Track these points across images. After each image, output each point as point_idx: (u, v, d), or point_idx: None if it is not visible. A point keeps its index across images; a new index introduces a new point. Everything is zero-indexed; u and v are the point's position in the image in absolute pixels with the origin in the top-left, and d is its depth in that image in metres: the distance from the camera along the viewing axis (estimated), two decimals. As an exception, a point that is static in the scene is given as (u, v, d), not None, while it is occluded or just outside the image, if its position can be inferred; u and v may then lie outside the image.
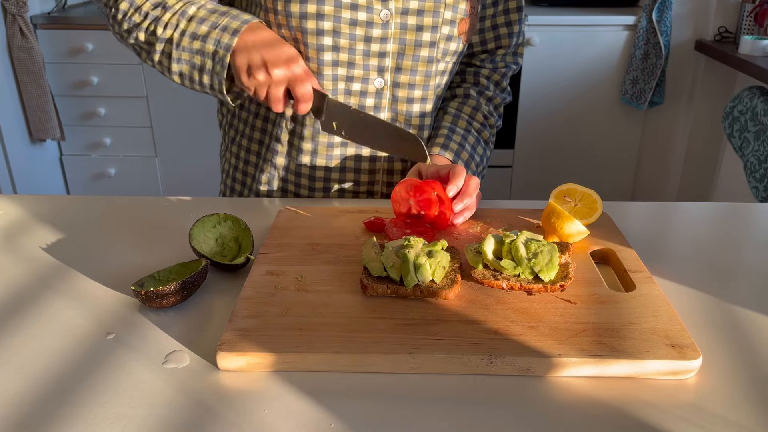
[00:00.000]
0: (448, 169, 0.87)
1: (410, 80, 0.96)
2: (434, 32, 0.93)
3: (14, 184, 2.61)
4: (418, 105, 0.98)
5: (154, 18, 0.88)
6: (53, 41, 2.61)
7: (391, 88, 0.96)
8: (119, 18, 0.90)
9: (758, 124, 2.05)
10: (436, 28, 0.93)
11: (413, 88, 0.96)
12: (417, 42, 0.93)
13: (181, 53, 0.88)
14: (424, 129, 1.01)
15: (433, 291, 0.68)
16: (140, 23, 0.89)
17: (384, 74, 0.95)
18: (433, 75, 0.97)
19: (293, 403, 0.57)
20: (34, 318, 0.69)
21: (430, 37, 0.93)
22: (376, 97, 0.96)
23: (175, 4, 0.89)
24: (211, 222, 0.81)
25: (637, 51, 2.58)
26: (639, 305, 0.68)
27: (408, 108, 0.98)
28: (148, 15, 0.89)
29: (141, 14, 0.89)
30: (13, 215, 0.93)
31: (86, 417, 0.55)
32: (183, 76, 0.90)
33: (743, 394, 0.59)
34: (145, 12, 0.89)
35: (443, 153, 0.98)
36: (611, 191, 2.86)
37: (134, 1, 0.89)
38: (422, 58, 0.94)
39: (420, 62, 0.95)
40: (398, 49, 0.93)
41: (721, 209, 1.01)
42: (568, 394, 0.59)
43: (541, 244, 0.72)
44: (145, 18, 0.89)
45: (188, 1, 0.90)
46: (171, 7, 0.89)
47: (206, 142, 2.78)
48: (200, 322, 0.68)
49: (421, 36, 0.93)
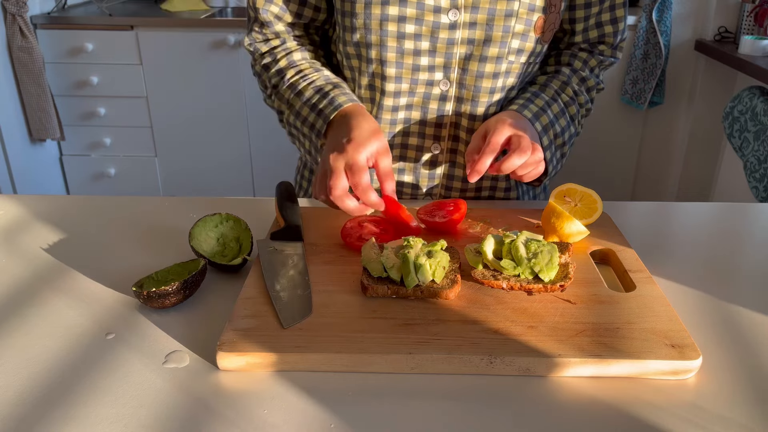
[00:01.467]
0: (518, 137, 0.83)
1: (477, 82, 0.92)
2: (506, 32, 0.89)
3: (14, 184, 2.61)
4: (483, 108, 0.95)
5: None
6: (53, 41, 2.61)
7: (457, 90, 0.93)
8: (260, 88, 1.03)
9: (758, 124, 2.05)
10: (508, 28, 0.89)
11: (480, 91, 0.93)
12: (486, 43, 0.89)
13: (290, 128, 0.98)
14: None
15: (433, 291, 0.68)
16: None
17: (450, 77, 0.92)
18: (501, 75, 0.93)
19: (293, 403, 0.57)
20: (34, 318, 0.69)
21: (501, 38, 0.89)
22: (441, 100, 0.94)
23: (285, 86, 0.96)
24: (213, 222, 0.81)
25: (637, 51, 2.58)
26: (639, 305, 0.68)
27: (473, 111, 0.95)
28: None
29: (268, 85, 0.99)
30: (13, 215, 0.93)
31: (86, 417, 0.55)
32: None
33: (743, 394, 0.59)
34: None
35: (521, 112, 0.92)
36: (611, 191, 2.86)
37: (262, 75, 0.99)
38: (491, 60, 0.91)
39: (488, 63, 0.91)
40: (466, 50, 0.90)
41: (721, 209, 1.01)
42: (568, 394, 0.59)
43: (541, 244, 0.72)
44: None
45: (300, 77, 0.95)
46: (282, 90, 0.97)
47: (206, 142, 2.79)
48: (200, 322, 0.68)
49: (491, 37, 0.89)
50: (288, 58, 0.97)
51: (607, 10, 0.98)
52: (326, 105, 0.89)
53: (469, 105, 0.94)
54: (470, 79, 0.92)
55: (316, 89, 0.92)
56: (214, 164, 2.83)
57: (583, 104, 1.01)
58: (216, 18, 2.65)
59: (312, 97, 0.92)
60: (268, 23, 0.97)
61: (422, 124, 0.97)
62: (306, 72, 0.95)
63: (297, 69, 0.96)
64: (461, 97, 0.94)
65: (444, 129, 0.97)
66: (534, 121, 0.91)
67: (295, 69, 0.96)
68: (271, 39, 0.99)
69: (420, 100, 0.95)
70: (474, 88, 0.93)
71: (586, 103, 1.01)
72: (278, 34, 0.98)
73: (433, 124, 0.96)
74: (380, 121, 0.96)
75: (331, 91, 0.91)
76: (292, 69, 0.96)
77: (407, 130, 0.97)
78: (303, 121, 0.92)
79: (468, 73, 0.92)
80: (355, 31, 0.91)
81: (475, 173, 0.83)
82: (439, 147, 0.98)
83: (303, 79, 0.94)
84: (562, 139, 0.96)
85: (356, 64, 0.95)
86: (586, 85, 1.01)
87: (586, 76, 1.01)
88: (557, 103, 0.96)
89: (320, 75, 0.95)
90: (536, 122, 0.91)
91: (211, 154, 2.81)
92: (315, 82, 0.93)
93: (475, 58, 0.91)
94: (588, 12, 0.98)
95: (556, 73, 1.00)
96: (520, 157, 0.81)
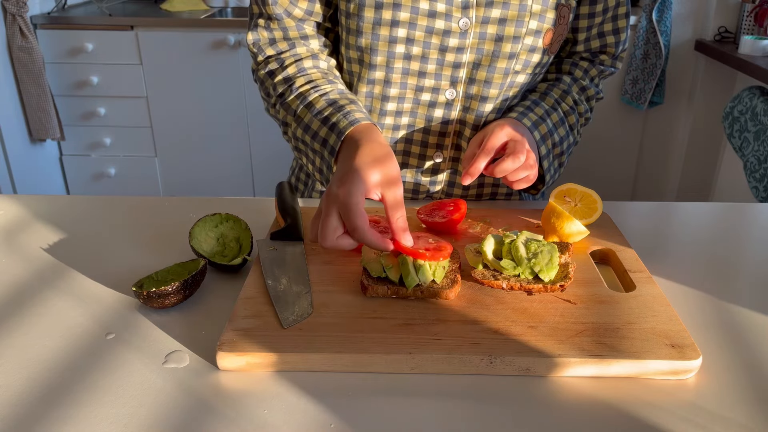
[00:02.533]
0: (514, 141, 0.83)
1: (484, 92, 0.91)
2: (516, 43, 0.87)
3: (14, 184, 2.61)
4: (490, 118, 0.94)
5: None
6: (53, 41, 2.61)
7: (462, 99, 0.92)
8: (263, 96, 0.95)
9: (758, 124, 2.05)
10: (518, 39, 0.87)
11: (486, 101, 0.91)
12: (495, 53, 0.87)
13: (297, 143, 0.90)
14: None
15: (433, 291, 0.68)
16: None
17: (457, 85, 0.91)
18: (508, 87, 0.92)
19: (293, 403, 0.57)
20: (34, 318, 0.69)
21: (510, 48, 0.87)
22: (445, 109, 0.93)
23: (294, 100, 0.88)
24: (213, 222, 0.81)
25: (637, 51, 2.58)
26: (639, 305, 0.68)
27: (477, 121, 0.93)
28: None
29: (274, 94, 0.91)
30: (13, 215, 0.93)
31: (86, 417, 0.55)
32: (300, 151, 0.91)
33: (743, 393, 0.59)
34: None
35: (521, 120, 0.90)
36: (611, 191, 2.86)
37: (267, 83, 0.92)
38: (499, 70, 0.89)
39: (496, 74, 0.89)
40: (475, 59, 0.88)
41: (721, 209, 1.01)
42: (568, 394, 0.59)
43: (541, 244, 0.72)
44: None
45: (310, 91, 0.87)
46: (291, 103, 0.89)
47: (206, 142, 2.79)
48: (200, 322, 0.68)
49: (500, 47, 0.87)
50: (297, 65, 0.89)
51: (610, 21, 0.97)
52: (340, 119, 0.81)
53: (473, 115, 0.93)
54: (477, 89, 0.91)
55: (330, 102, 0.84)
56: (214, 164, 2.83)
57: (583, 113, 1.00)
58: (216, 18, 2.65)
59: (324, 110, 0.83)
60: (277, 16, 0.89)
61: (425, 132, 0.96)
62: (318, 82, 0.88)
63: (308, 78, 0.88)
64: (467, 107, 0.93)
65: (447, 138, 0.96)
66: (533, 129, 0.90)
67: (306, 77, 0.88)
68: (278, 41, 0.91)
69: (425, 109, 0.93)
70: (480, 99, 0.92)
71: (586, 113, 1.00)
72: (286, 34, 0.91)
73: (437, 133, 0.95)
74: (382, 128, 0.95)
75: (347, 105, 0.83)
76: (302, 77, 0.88)
77: (410, 137, 0.96)
78: (313, 136, 0.84)
79: (475, 84, 0.91)
80: (360, 36, 0.87)
81: (467, 176, 0.83)
82: (442, 155, 0.97)
83: (315, 89, 0.86)
84: (560, 149, 0.95)
85: (357, 69, 0.92)
86: (586, 94, 1.00)
87: (586, 85, 1.00)
88: (557, 112, 0.95)
89: (334, 87, 0.87)
90: (535, 131, 0.90)
91: (211, 154, 2.81)
92: (328, 94, 0.86)
93: (483, 67, 0.89)
94: (591, 22, 0.97)
95: (557, 81, 0.99)
96: (513, 162, 0.81)
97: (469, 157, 0.86)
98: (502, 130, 0.85)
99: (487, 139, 0.84)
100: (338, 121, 0.80)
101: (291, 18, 0.90)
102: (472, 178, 0.83)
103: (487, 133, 0.86)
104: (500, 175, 0.82)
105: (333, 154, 0.80)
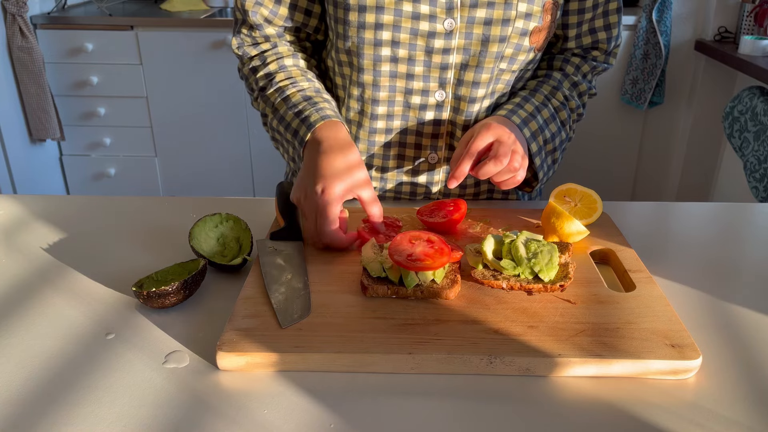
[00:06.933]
0: (498, 143, 0.83)
1: (473, 93, 0.91)
2: (502, 43, 0.87)
3: (14, 184, 2.61)
4: (480, 117, 0.94)
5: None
6: (53, 41, 2.61)
7: (452, 101, 0.92)
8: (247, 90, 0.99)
9: (758, 124, 2.05)
10: (504, 39, 0.87)
11: (475, 102, 0.92)
12: (482, 54, 0.88)
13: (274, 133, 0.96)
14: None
15: (433, 291, 0.68)
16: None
17: (446, 87, 0.91)
18: (497, 87, 0.93)
19: (293, 403, 0.57)
20: (34, 318, 0.69)
21: (497, 49, 0.88)
22: (436, 110, 0.93)
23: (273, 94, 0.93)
24: (213, 222, 0.81)
25: (637, 51, 2.58)
26: (639, 305, 0.68)
27: (467, 121, 0.93)
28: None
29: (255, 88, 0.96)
30: (13, 215, 0.93)
31: (86, 417, 0.55)
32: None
33: (743, 393, 0.59)
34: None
35: (509, 117, 0.90)
36: (611, 191, 2.86)
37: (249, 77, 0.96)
38: (487, 71, 0.89)
39: (484, 74, 0.90)
40: (462, 60, 0.89)
41: (721, 209, 1.01)
42: (568, 394, 0.59)
43: (541, 244, 0.72)
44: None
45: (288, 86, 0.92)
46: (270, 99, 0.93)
47: (206, 142, 2.79)
48: (200, 322, 0.68)
49: (487, 47, 0.87)
50: (279, 62, 0.94)
51: (601, 17, 0.97)
52: (312, 113, 0.86)
53: (463, 116, 0.93)
54: (465, 90, 0.91)
55: (305, 97, 0.89)
56: (214, 164, 2.83)
57: (575, 109, 0.99)
58: (216, 18, 2.65)
59: (299, 104, 0.89)
60: (257, 26, 0.94)
61: (418, 135, 0.96)
62: (296, 78, 0.93)
63: (287, 74, 0.93)
64: (457, 108, 0.93)
65: (440, 139, 0.96)
66: (522, 127, 0.90)
67: (285, 73, 0.93)
68: (260, 42, 0.96)
69: (415, 111, 0.93)
70: (469, 100, 0.92)
71: (578, 108, 1.00)
72: (268, 38, 0.96)
73: (430, 134, 0.96)
74: (374, 131, 0.95)
75: (320, 103, 0.88)
76: (281, 73, 0.93)
77: (403, 140, 0.96)
78: (286, 127, 0.89)
79: (463, 85, 0.91)
80: (347, 39, 0.89)
81: (452, 179, 0.84)
82: (436, 156, 0.97)
83: (292, 85, 0.91)
84: (553, 145, 0.95)
85: (348, 72, 0.93)
86: (577, 89, 1.00)
87: (577, 80, 0.99)
88: (547, 108, 0.95)
89: (311, 85, 0.92)
90: (525, 128, 0.90)
91: (211, 154, 2.81)
92: (305, 90, 0.91)
93: (470, 68, 0.89)
94: (581, 18, 0.96)
95: (547, 78, 0.98)
96: (495, 165, 0.81)
97: (457, 159, 0.86)
98: (488, 132, 0.85)
99: (471, 141, 0.85)
100: (310, 115, 0.86)
101: (271, 26, 0.95)
102: (458, 181, 0.84)
103: (473, 134, 0.86)
104: (483, 177, 0.83)
105: (302, 144, 0.86)
